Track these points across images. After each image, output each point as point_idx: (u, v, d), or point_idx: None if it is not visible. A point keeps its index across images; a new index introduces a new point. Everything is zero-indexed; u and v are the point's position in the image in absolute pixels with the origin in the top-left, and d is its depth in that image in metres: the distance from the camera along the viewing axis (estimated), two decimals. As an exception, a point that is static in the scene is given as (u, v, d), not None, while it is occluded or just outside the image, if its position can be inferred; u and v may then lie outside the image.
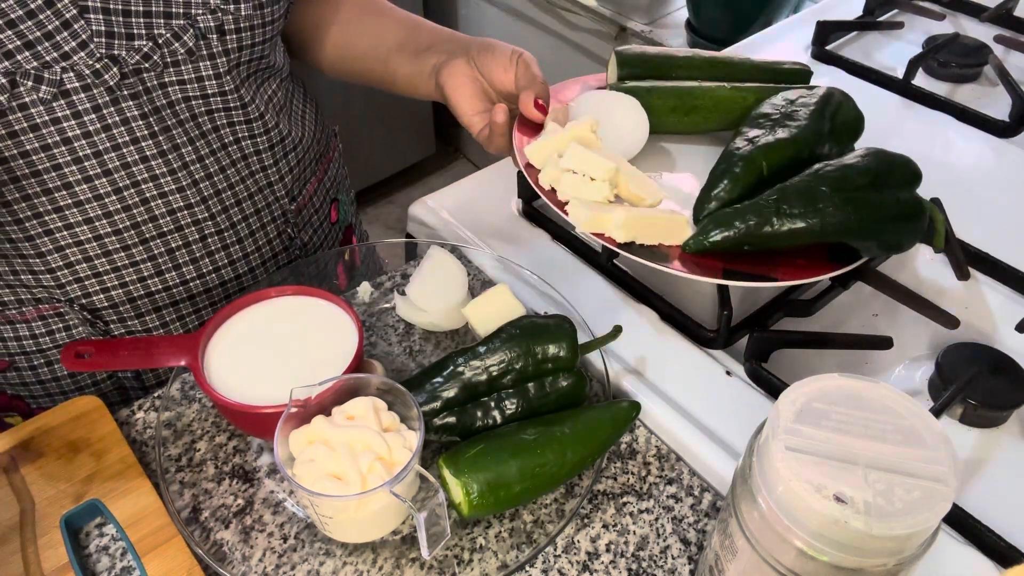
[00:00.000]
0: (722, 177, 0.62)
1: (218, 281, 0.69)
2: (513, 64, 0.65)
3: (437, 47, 0.71)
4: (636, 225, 0.58)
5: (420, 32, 0.75)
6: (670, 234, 0.60)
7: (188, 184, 0.63)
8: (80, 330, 0.67)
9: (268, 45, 0.65)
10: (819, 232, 0.58)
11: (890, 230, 0.59)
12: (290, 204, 0.73)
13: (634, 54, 0.75)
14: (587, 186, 0.61)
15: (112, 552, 0.53)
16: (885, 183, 0.60)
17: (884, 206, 0.59)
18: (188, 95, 0.61)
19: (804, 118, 0.65)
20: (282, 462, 0.48)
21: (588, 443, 0.53)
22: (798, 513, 0.36)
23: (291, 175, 0.72)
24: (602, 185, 0.61)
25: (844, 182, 0.59)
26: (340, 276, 0.75)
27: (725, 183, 0.62)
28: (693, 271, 0.58)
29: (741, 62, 0.75)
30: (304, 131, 0.74)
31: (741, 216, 0.58)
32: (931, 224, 0.63)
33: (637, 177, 0.63)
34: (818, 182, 0.59)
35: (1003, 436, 0.59)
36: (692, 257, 0.60)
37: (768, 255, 0.60)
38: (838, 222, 0.57)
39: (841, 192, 0.58)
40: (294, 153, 0.72)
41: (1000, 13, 0.99)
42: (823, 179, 0.59)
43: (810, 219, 0.57)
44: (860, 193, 0.59)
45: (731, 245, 0.58)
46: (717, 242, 0.58)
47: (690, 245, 0.59)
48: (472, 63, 0.67)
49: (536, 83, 0.65)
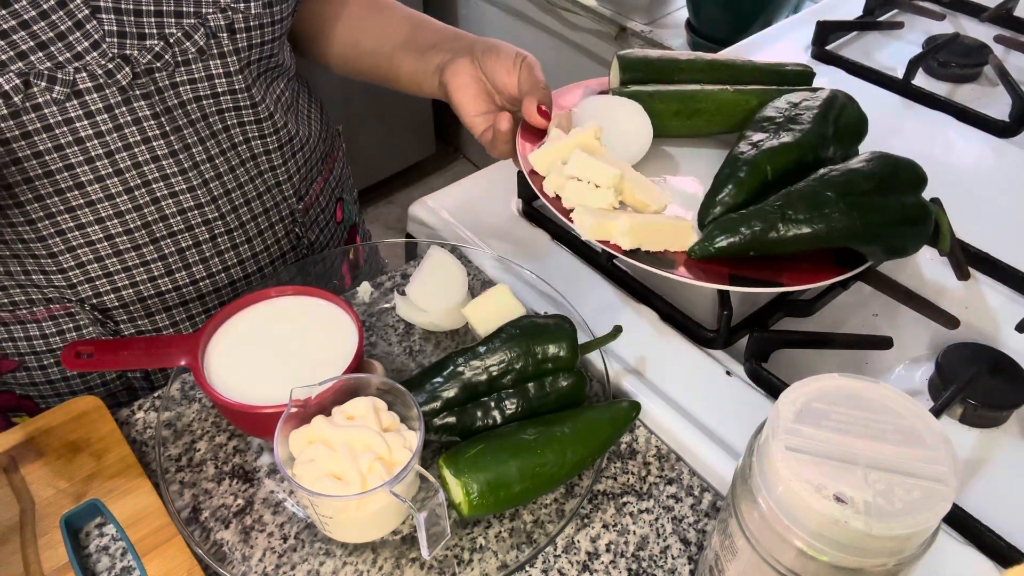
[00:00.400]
0: (727, 182, 0.62)
1: (227, 280, 0.70)
2: (517, 67, 0.65)
3: (441, 45, 0.71)
4: (641, 232, 0.59)
5: (424, 30, 0.75)
6: (675, 240, 0.60)
7: (199, 183, 0.63)
8: (90, 330, 0.67)
9: (277, 44, 0.65)
10: (825, 237, 0.58)
11: (895, 235, 0.59)
12: (297, 204, 0.73)
13: (636, 58, 0.75)
14: (592, 193, 0.61)
15: (112, 552, 0.53)
16: (890, 187, 0.60)
17: (889, 211, 0.59)
18: (199, 94, 0.61)
19: (808, 121, 0.65)
20: (282, 462, 0.48)
21: (588, 443, 0.53)
22: (798, 513, 0.36)
23: (299, 175, 0.73)
24: (607, 192, 0.61)
25: (850, 187, 0.59)
26: (345, 276, 0.75)
27: (730, 188, 0.62)
28: (699, 277, 0.58)
29: (744, 64, 0.75)
30: (311, 130, 0.75)
31: (746, 222, 0.58)
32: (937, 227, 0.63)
33: (642, 183, 0.63)
34: (823, 187, 0.59)
35: (1003, 436, 0.59)
36: (697, 263, 0.60)
37: (773, 260, 0.60)
38: (844, 227, 0.57)
39: (846, 197, 0.58)
40: (301, 153, 0.72)
41: (1000, 13, 0.99)
42: (829, 184, 0.59)
43: (816, 224, 0.57)
44: (865, 198, 0.58)
45: (737, 251, 0.58)
46: (723, 248, 0.58)
47: (696, 251, 0.59)
48: (476, 63, 0.67)
49: (539, 88, 0.65)
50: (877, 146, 0.72)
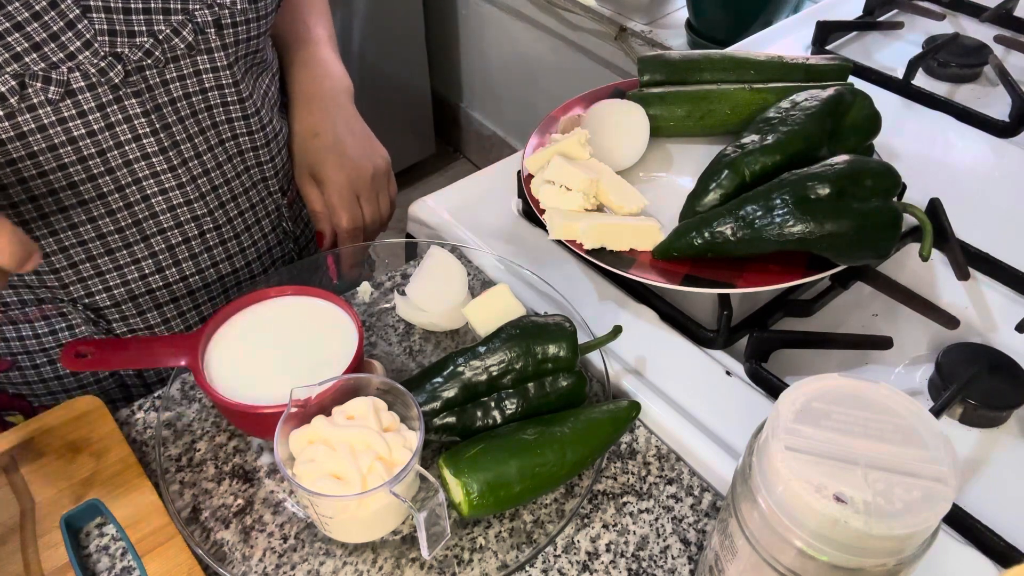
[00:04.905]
0: (707, 183, 0.64)
1: (216, 276, 0.70)
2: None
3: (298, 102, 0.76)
4: (602, 232, 0.63)
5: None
6: (641, 240, 0.64)
7: (187, 180, 0.63)
8: (83, 329, 0.67)
9: (262, 39, 0.66)
10: (776, 240, 0.58)
11: (857, 239, 0.58)
12: (282, 199, 0.74)
13: (655, 59, 0.76)
14: (564, 196, 0.66)
15: (112, 552, 0.53)
16: (853, 191, 0.59)
17: (847, 215, 0.58)
18: (188, 91, 0.61)
19: (799, 122, 0.65)
20: (282, 462, 0.48)
21: (588, 443, 0.53)
22: (798, 513, 0.36)
23: (283, 170, 0.73)
24: (577, 195, 0.65)
25: (803, 190, 0.58)
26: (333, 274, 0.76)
27: (709, 189, 0.64)
28: (652, 277, 0.61)
29: (770, 61, 0.75)
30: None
31: (705, 224, 0.60)
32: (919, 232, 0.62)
33: (621, 187, 0.67)
34: (776, 191, 0.59)
35: (1003, 436, 0.59)
36: (659, 263, 0.63)
37: (739, 260, 0.62)
38: (796, 231, 0.57)
39: (801, 202, 0.58)
40: (287, 148, 0.73)
41: (1000, 13, 0.99)
42: (782, 187, 0.59)
43: (766, 228, 0.58)
44: (821, 202, 0.58)
45: (694, 252, 0.61)
46: (680, 248, 0.61)
47: (656, 252, 0.63)
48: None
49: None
50: (877, 146, 0.72)
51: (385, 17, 2.01)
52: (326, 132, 0.74)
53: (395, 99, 2.18)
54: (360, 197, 0.76)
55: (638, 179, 0.73)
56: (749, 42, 0.99)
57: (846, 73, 0.75)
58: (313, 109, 0.75)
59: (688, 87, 0.74)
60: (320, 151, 0.73)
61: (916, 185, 0.71)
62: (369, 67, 2.04)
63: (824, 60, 0.76)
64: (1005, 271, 0.68)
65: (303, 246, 0.82)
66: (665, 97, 0.73)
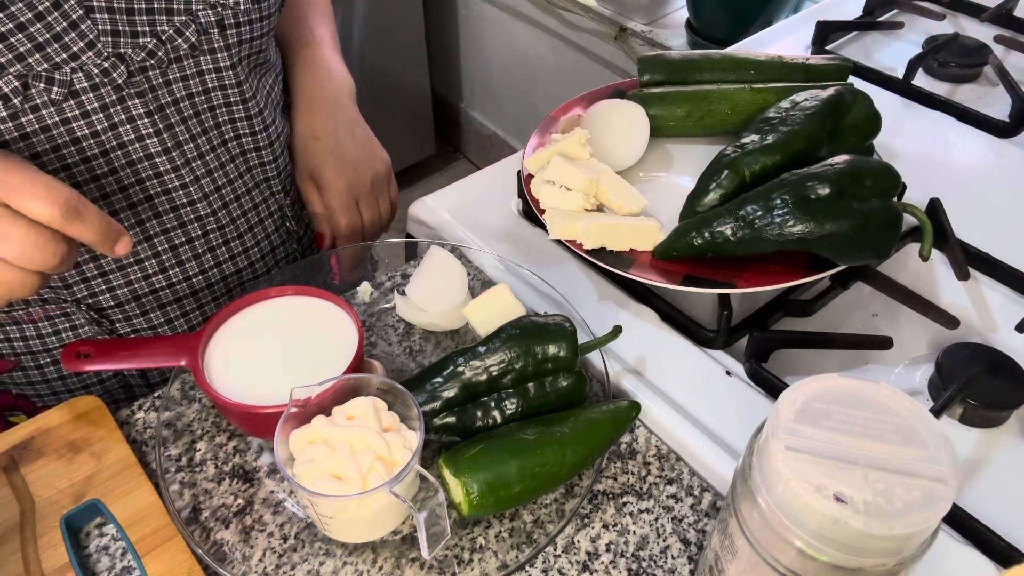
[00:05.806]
0: (707, 183, 0.64)
1: (220, 276, 0.70)
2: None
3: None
4: (601, 232, 0.63)
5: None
6: (641, 240, 0.63)
7: (191, 180, 0.63)
8: (86, 329, 0.67)
9: (265, 40, 0.66)
10: (775, 240, 0.58)
11: (856, 239, 0.58)
12: (285, 199, 0.74)
13: (655, 60, 0.76)
14: (563, 196, 0.65)
15: (112, 552, 0.53)
16: (852, 192, 0.59)
17: (847, 214, 0.58)
18: (191, 91, 0.61)
19: (798, 122, 0.65)
20: (282, 462, 0.48)
21: (588, 443, 0.53)
22: (798, 513, 0.36)
23: (286, 170, 0.73)
24: (577, 195, 0.65)
25: (803, 190, 0.58)
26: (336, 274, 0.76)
27: (709, 189, 0.64)
28: (651, 277, 0.61)
29: (770, 61, 0.75)
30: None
31: (705, 224, 0.60)
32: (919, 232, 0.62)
33: (621, 186, 0.67)
34: (776, 191, 0.59)
35: (1003, 436, 0.59)
36: (659, 263, 0.62)
37: (739, 260, 0.62)
38: (795, 231, 0.57)
39: (801, 202, 0.58)
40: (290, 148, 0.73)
41: (1000, 13, 0.99)
42: (781, 187, 0.59)
43: (766, 228, 0.58)
44: (820, 202, 0.58)
45: (694, 252, 0.61)
46: (680, 248, 0.61)
47: (656, 252, 0.63)
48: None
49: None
50: (877, 146, 0.72)
51: (385, 17, 2.01)
52: (327, 135, 0.74)
53: (395, 99, 2.18)
54: (359, 201, 0.76)
55: (638, 179, 0.73)
56: (749, 42, 0.99)
57: (846, 73, 0.75)
58: (315, 110, 0.75)
59: (688, 87, 0.74)
60: (320, 154, 0.74)
61: (916, 185, 0.71)
62: (369, 67, 2.04)
63: (824, 60, 0.76)
64: (1005, 271, 0.68)
65: (306, 246, 0.82)
66: (665, 97, 0.73)
